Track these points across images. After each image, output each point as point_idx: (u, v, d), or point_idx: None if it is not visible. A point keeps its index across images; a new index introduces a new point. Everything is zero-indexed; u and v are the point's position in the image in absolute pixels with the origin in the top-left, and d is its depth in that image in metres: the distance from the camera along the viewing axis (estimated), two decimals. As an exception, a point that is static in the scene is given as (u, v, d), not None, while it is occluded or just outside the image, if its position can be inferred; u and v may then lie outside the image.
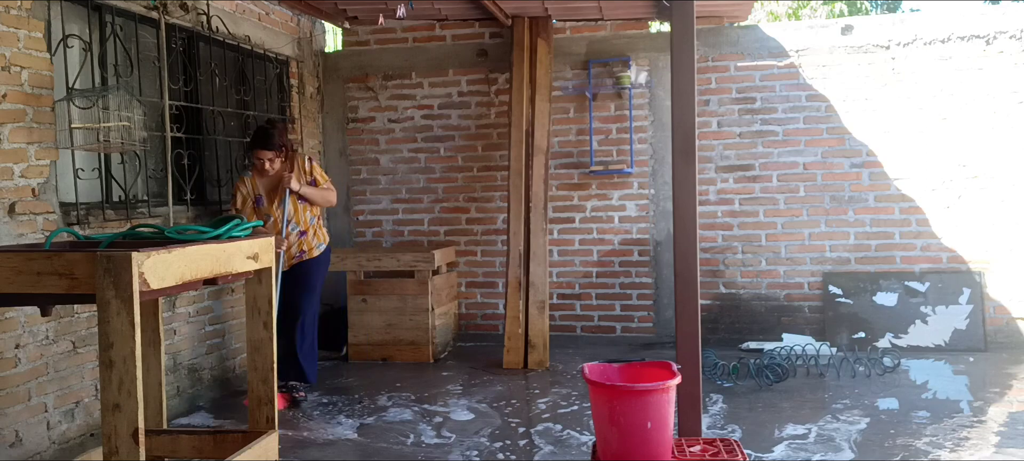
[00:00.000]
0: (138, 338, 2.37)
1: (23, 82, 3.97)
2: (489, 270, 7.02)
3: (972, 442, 4.15)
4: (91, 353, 4.32)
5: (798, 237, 6.53)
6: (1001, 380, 5.32)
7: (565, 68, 6.79)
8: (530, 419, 4.77)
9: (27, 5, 4.00)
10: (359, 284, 6.27)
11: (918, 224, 6.36)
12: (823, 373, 5.56)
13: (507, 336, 6.02)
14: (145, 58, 4.92)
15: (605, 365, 2.66)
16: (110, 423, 2.38)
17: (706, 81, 6.56)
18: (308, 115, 6.87)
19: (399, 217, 7.15)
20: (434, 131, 7.05)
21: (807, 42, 6.48)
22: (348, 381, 5.76)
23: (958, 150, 6.27)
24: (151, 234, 2.95)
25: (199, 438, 3.27)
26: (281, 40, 6.38)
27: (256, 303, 3.18)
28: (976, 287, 6.18)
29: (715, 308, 6.65)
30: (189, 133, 5.29)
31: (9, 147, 3.89)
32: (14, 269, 2.43)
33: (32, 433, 4.00)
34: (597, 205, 6.82)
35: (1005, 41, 6.18)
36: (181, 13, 5.13)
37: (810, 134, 6.49)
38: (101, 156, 4.54)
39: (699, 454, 2.58)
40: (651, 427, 2.43)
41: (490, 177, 6.96)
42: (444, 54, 7.00)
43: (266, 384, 3.18)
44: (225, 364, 5.58)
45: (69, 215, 4.24)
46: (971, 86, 6.23)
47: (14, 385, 3.90)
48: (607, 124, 6.78)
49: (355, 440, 4.48)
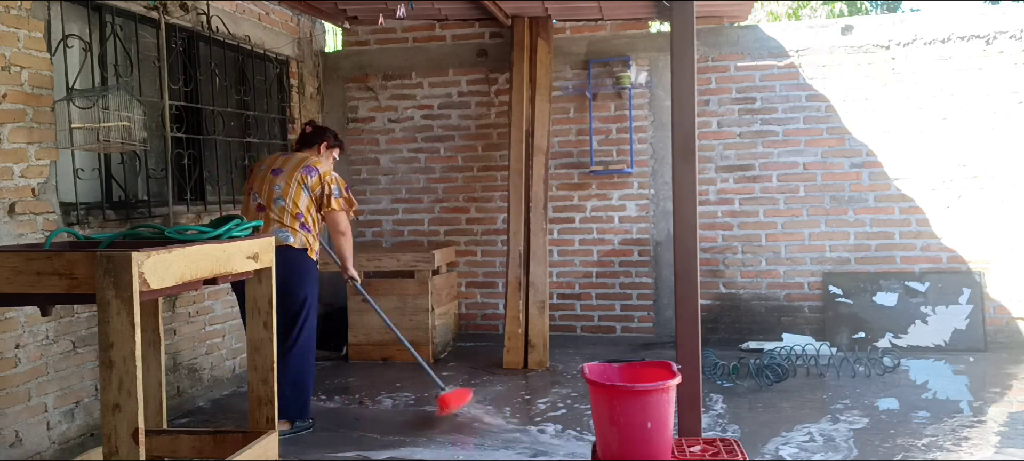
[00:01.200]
0: (138, 338, 2.37)
1: (23, 82, 3.97)
2: (489, 270, 7.02)
3: (972, 442, 4.15)
4: (91, 353, 4.32)
5: (798, 237, 6.53)
6: (1001, 380, 5.32)
7: (565, 68, 6.79)
8: (530, 419, 4.77)
9: (27, 5, 4.00)
10: (359, 284, 6.26)
11: (918, 224, 6.36)
12: (823, 373, 5.56)
13: (507, 336, 6.02)
14: (145, 58, 4.92)
15: (605, 365, 2.66)
16: (110, 423, 2.37)
17: (706, 81, 6.57)
18: (308, 115, 6.86)
19: (399, 217, 7.15)
20: (434, 131, 7.05)
21: (807, 42, 6.48)
22: (348, 381, 5.76)
23: (958, 150, 6.27)
24: (151, 234, 2.95)
25: (199, 438, 3.27)
26: (281, 40, 6.38)
27: (256, 303, 3.18)
28: (976, 287, 6.18)
29: (715, 308, 6.65)
30: (189, 133, 5.29)
31: (9, 147, 3.89)
32: (14, 269, 2.43)
33: (32, 433, 4.00)
34: (597, 205, 6.82)
35: (1005, 41, 6.18)
36: (181, 13, 5.13)
37: (810, 134, 6.49)
38: (101, 156, 4.54)
39: (699, 454, 2.59)
40: (651, 427, 2.43)
41: (490, 177, 6.96)
42: (444, 54, 7.00)
43: (266, 384, 3.18)
44: (225, 364, 5.58)
45: (69, 215, 4.24)
46: (971, 86, 6.23)
47: (14, 385, 3.90)
48: (607, 124, 6.78)
49: (355, 438, 4.48)
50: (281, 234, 4.45)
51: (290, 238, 4.48)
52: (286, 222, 4.49)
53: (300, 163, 4.61)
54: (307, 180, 4.55)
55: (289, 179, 4.53)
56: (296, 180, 4.53)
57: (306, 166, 4.59)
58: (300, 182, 4.53)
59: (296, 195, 4.51)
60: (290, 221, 4.50)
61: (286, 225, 4.49)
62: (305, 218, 4.55)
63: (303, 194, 4.53)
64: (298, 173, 4.55)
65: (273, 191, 4.52)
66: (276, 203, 4.50)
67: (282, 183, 4.53)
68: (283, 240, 4.43)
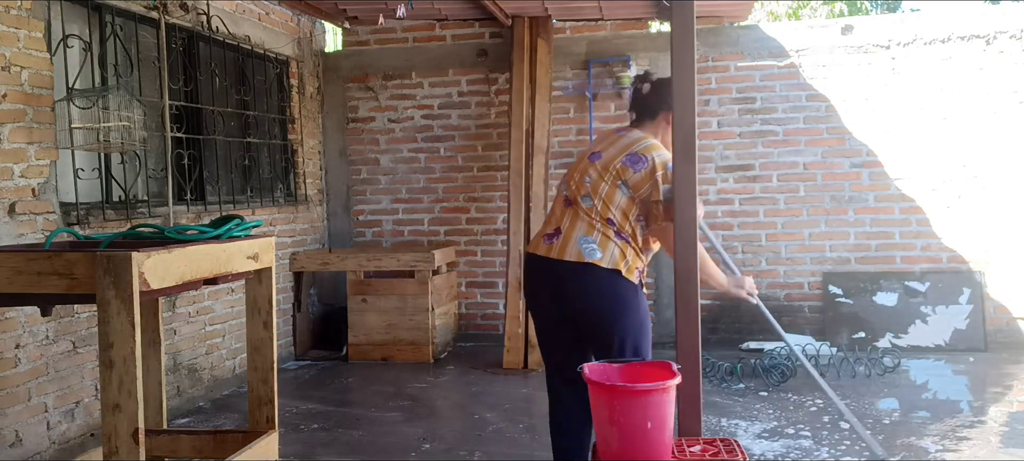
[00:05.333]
0: (138, 338, 2.37)
1: (23, 82, 3.97)
2: (489, 270, 7.02)
3: (972, 442, 4.15)
4: (91, 353, 4.32)
5: (798, 237, 6.52)
6: (1001, 380, 5.32)
7: (565, 68, 6.79)
8: (531, 419, 4.77)
9: (27, 5, 4.00)
10: (359, 284, 6.27)
11: (918, 224, 6.35)
12: (823, 373, 5.55)
13: (507, 336, 6.01)
14: (145, 58, 4.92)
15: (605, 365, 2.66)
16: (110, 423, 2.37)
17: (706, 81, 6.56)
18: (308, 115, 6.87)
19: (399, 217, 7.14)
20: (434, 131, 7.05)
21: (807, 42, 6.47)
22: (348, 381, 5.76)
23: (958, 150, 6.27)
24: (151, 234, 2.95)
25: (199, 438, 3.27)
26: (281, 40, 6.38)
27: (256, 303, 3.18)
28: (976, 287, 6.18)
29: (715, 308, 6.65)
30: (189, 133, 5.29)
31: (9, 147, 3.89)
32: (14, 269, 2.43)
33: (32, 433, 4.00)
34: (597, 205, 6.81)
35: (1005, 41, 6.18)
36: (181, 13, 5.13)
37: (810, 134, 6.49)
38: (101, 156, 4.54)
39: (699, 454, 2.58)
40: (651, 427, 2.43)
41: (490, 177, 6.96)
42: (444, 54, 7.00)
43: (266, 384, 3.17)
44: (225, 364, 5.58)
45: (69, 215, 4.24)
46: (971, 86, 6.23)
47: (14, 385, 3.90)
48: (607, 124, 6.77)
49: (356, 438, 4.48)
50: (585, 245, 3.06)
51: (596, 252, 3.04)
52: (596, 228, 3.08)
53: (626, 148, 3.15)
54: (628, 175, 3.08)
55: (606, 169, 3.12)
56: (613, 171, 3.10)
57: (632, 153, 3.11)
58: (617, 175, 3.09)
59: (609, 193, 3.09)
60: (602, 227, 3.08)
61: (594, 233, 3.08)
62: (620, 225, 3.09)
63: (618, 193, 3.08)
64: (619, 162, 3.11)
65: (584, 183, 3.15)
66: (584, 200, 3.12)
67: (595, 173, 3.14)
68: (585, 255, 3.04)
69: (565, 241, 3.09)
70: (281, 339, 6.31)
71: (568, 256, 3.05)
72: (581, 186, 3.14)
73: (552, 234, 3.14)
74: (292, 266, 6.38)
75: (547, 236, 3.15)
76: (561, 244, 3.09)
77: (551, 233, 3.15)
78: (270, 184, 6.32)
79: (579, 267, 3.04)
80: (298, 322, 6.45)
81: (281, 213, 6.35)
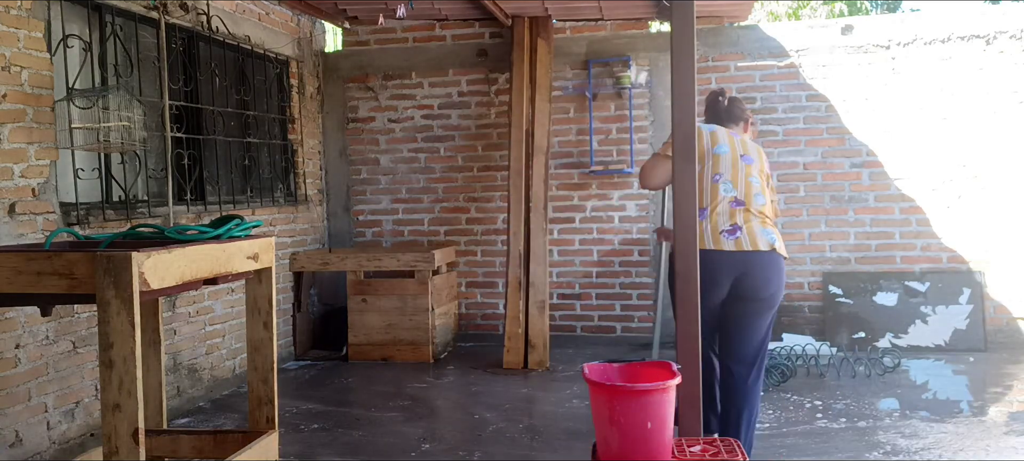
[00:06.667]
0: (138, 338, 2.37)
1: (23, 82, 3.97)
2: (489, 270, 7.02)
3: (972, 442, 4.15)
4: (91, 353, 4.32)
5: (798, 237, 6.53)
6: (1001, 380, 5.32)
7: (565, 68, 6.79)
8: (531, 419, 4.77)
9: (27, 5, 4.00)
10: (359, 284, 6.27)
11: (918, 224, 6.36)
12: (823, 373, 5.56)
13: (507, 336, 6.02)
14: (145, 58, 4.92)
15: (605, 365, 2.66)
16: (110, 423, 2.38)
17: (706, 81, 6.56)
18: (308, 115, 6.87)
19: (399, 217, 7.15)
20: (434, 131, 7.05)
21: (807, 42, 6.48)
22: (348, 381, 5.76)
23: (958, 150, 6.27)
24: (151, 234, 2.95)
25: (199, 438, 3.27)
26: (281, 40, 6.38)
27: (256, 303, 3.18)
28: (976, 287, 6.18)
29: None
30: (189, 133, 5.29)
31: (9, 147, 3.89)
32: (14, 269, 2.43)
33: (32, 433, 4.00)
34: (597, 205, 6.82)
35: (1005, 41, 6.18)
36: (181, 13, 5.13)
37: (810, 134, 6.49)
38: (101, 156, 4.54)
39: (699, 454, 2.58)
40: (651, 427, 2.43)
41: (490, 177, 6.96)
42: (444, 54, 7.00)
43: (266, 384, 3.18)
44: (225, 364, 5.58)
45: (69, 215, 4.24)
46: (971, 86, 6.23)
47: (14, 385, 3.90)
48: (607, 124, 6.78)
49: (355, 438, 4.48)
50: (768, 235, 3.61)
51: (776, 241, 3.63)
52: (769, 220, 3.69)
53: (759, 150, 3.86)
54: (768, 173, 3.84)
55: (761, 171, 3.78)
56: (765, 173, 3.79)
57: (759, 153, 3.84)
58: (766, 176, 3.81)
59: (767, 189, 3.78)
60: (774, 218, 3.75)
61: (768, 225, 3.68)
62: (776, 214, 3.82)
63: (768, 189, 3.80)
64: (765, 164, 3.83)
65: (751, 186, 3.69)
66: (756, 199, 3.67)
67: (759, 178, 3.74)
68: (772, 243, 3.60)
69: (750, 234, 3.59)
70: (281, 339, 6.31)
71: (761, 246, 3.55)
72: (750, 186, 3.68)
73: (730, 230, 3.60)
74: (292, 266, 6.38)
75: (726, 233, 3.60)
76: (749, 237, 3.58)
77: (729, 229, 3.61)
78: (270, 184, 6.32)
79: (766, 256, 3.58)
80: (298, 322, 6.45)
81: (281, 213, 6.35)
